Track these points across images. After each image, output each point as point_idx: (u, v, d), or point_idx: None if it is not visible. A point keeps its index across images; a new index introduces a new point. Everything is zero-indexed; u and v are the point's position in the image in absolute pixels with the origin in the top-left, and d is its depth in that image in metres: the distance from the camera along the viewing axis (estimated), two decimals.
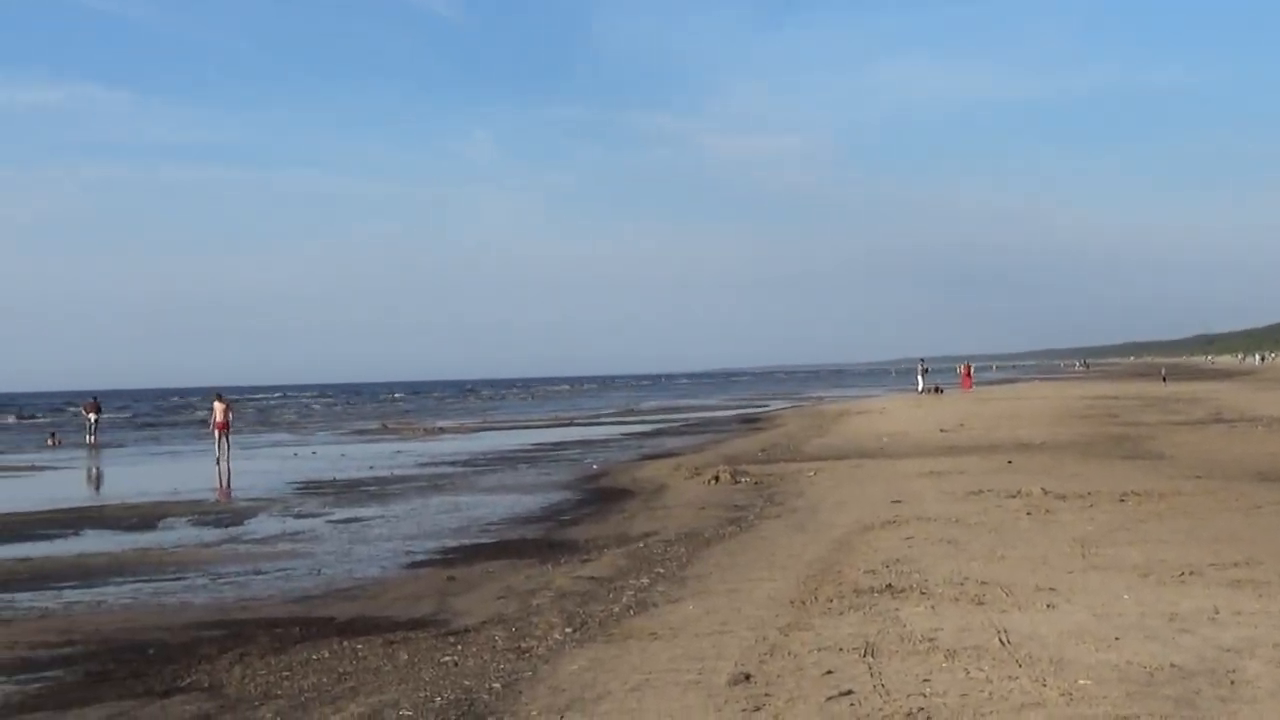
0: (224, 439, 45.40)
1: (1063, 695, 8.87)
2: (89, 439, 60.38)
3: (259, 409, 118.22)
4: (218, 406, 46.76)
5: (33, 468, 44.86)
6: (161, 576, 18.41)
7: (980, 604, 12.23)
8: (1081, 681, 9.20)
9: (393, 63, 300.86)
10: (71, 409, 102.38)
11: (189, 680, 11.54)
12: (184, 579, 18.11)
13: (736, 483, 27.48)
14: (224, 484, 34.89)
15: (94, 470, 44.44)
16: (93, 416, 62.52)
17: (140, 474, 40.59)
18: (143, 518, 26.25)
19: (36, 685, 11.69)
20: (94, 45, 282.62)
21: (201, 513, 26.98)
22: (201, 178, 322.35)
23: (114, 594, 16.94)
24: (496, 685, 10.51)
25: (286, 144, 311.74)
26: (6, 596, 16.85)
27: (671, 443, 48.09)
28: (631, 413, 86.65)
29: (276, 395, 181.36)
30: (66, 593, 17.14)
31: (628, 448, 46.24)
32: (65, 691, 11.38)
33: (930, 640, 10.74)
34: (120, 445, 59.48)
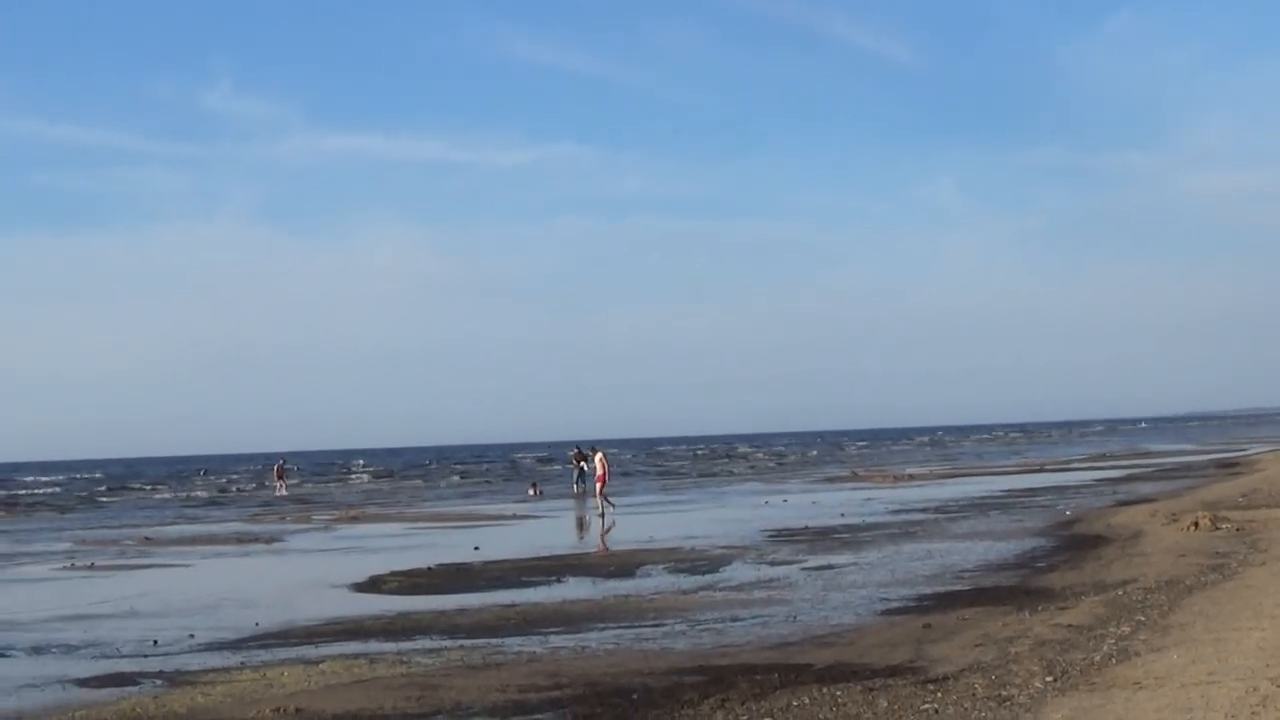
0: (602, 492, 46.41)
1: None
2: (575, 488, 62.17)
3: (717, 458, 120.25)
4: (598, 459, 47.72)
5: (515, 517, 46.60)
6: (641, 623, 18.83)
7: None
8: None
9: (854, 110, 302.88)
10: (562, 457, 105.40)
11: None
12: (663, 625, 18.48)
13: (1216, 529, 26.39)
14: (602, 539, 35.47)
15: (576, 519, 45.89)
16: (576, 466, 64.25)
17: (619, 522, 41.60)
18: (621, 565, 26.93)
19: None
20: (564, 105, 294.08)
21: (677, 560, 27.50)
22: (670, 230, 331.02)
23: (597, 639, 17.41)
24: None
25: (752, 195, 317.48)
26: (497, 641, 17.53)
27: (1146, 488, 46.58)
28: (1104, 458, 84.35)
29: (741, 444, 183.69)
30: (552, 638, 17.70)
31: (1101, 493, 45.03)
32: None
33: None
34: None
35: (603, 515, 44.02)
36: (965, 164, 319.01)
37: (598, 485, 47.23)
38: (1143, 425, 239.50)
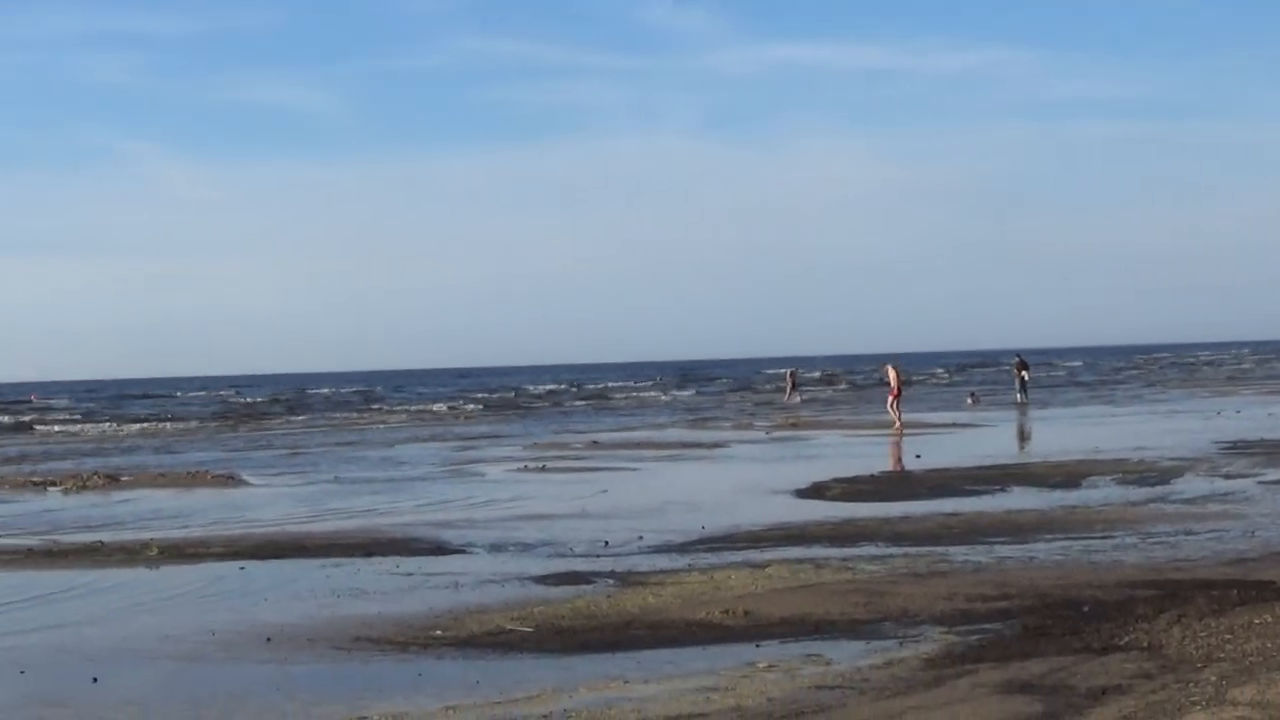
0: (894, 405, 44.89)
1: None
2: (1018, 397, 61.34)
3: (1184, 366, 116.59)
4: (891, 372, 46.08)
5: (955, 425, 46.25)
6: (1090, 534, 18.43)
7: None
8: None
9: None
10: (1003, 366, 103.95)
11: (1127, 639, 11.47)
12: (1112, 537, 18.04)
13: None
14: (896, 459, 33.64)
15: (1016, 428, 45.25)
16: (1017, 375, 63.29)
17: (1062, 433, 40.87)
18: (1067, 476, 26.40)
19: (976, 637, 12.01)
20: (1006, 7, 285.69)
21: (1125, 471, 26.78)
22: (1114, 132, 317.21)
23: (1044, 550, 17.11)
24: None
25: (1206, 94, 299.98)
26: (941, 549, 17.42)
27: None
28: None
29: (1207, 352, 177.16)
30: (998, 547, 17.48)
31: None
32: (1004, 644, 11.61)
33: None
34: (1045, 405, 60.14)
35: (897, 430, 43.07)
36: None
37: (890, 398, 45.81)
38: None
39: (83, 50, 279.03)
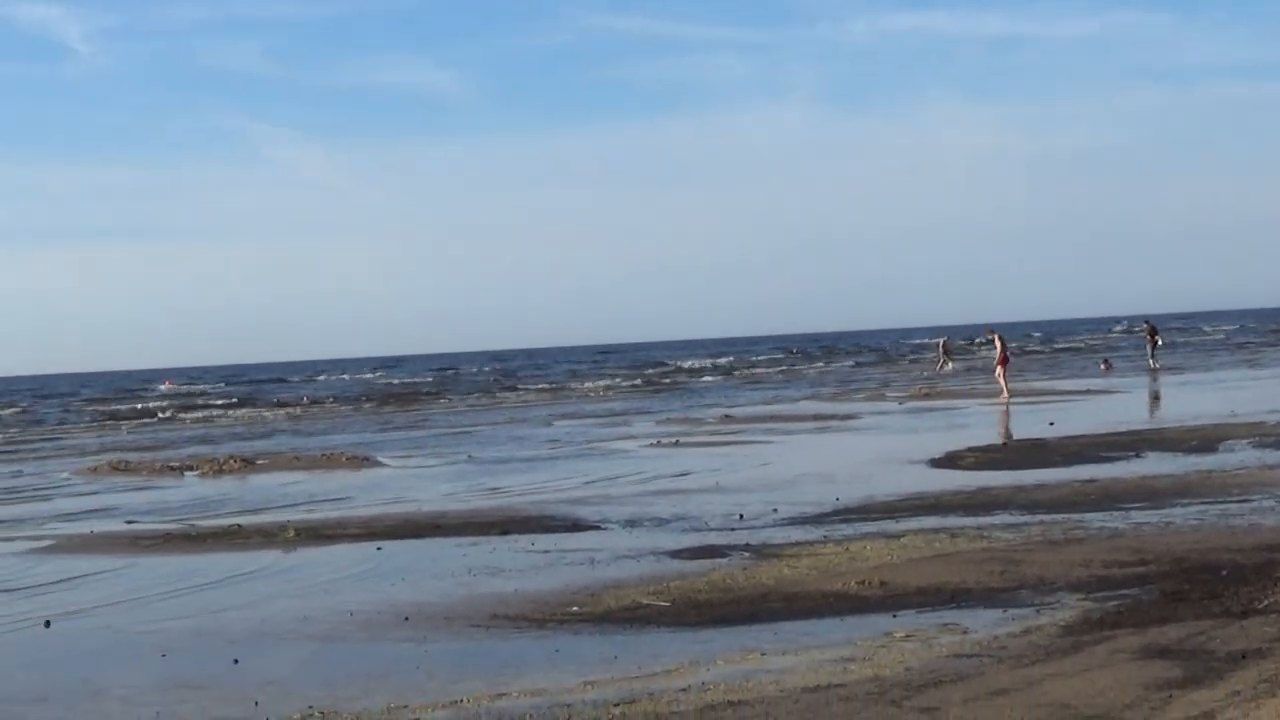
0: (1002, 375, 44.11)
1: None
2: (1150, 363, 60.61)
3: None
4: (997, 340, 45.23)
5: (1088, 392, 45.78)
6: (1226, 498, 18.19)
7: None
8: None
9: None
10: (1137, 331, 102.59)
11: (1266, 602, 11.35)
12: (1249, 501, 17.80)
13: None
14: (1004, 430, 32.75)
15: (1150, 394, 44.70)
16: (1150, 340, 62.53)
17: (1198, 397, 40.30)
18: (1203, 440, 26.06)
19: (1113, 603, 11.91)
20: None
21: (1262, 435, 26.38)
22: (1246, 97, 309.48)
23: (1180, 515, 16.91)
24: None
25: None
26: (1076, 516, 17.28)
27: None
28: None
29: None
30: (1133, 513, 17.30)
31: None
32: (1142, 610, 11.52)
33: None
34: (1182, 370, 59.31)
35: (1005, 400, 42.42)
36: None
37: (998, 369, 45.02)
38: None
39: (212, 36, 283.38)
